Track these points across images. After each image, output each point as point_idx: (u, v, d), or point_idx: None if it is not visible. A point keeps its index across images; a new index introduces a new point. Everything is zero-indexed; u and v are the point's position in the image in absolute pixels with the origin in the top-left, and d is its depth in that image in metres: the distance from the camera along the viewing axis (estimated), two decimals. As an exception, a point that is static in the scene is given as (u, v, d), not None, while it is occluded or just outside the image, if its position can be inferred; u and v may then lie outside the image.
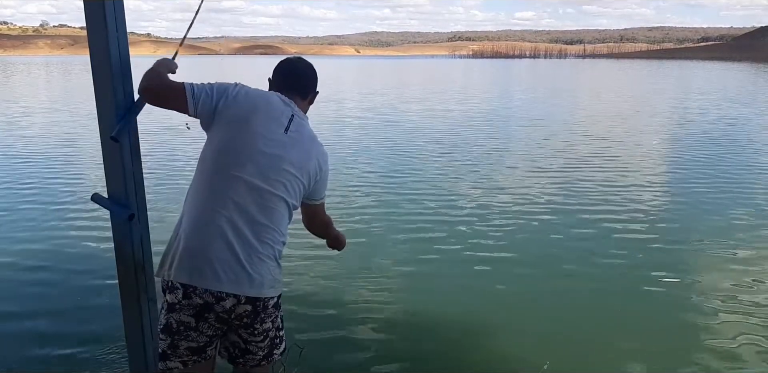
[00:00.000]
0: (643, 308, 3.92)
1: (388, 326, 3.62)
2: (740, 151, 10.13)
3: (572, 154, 9.95)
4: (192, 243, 1.75)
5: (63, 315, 3.74)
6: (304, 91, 1.99)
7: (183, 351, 1.81)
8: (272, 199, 1.79)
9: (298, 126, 1.87)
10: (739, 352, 3.31)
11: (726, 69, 59.94)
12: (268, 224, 1.79)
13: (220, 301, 1.74)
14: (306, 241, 5.16)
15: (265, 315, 1.84)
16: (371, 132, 12.75)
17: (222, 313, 1.76)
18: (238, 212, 1.75)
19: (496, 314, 3.85)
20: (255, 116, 1.81)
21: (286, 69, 2.01)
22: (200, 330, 1.79)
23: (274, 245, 1.82)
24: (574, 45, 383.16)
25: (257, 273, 1.77)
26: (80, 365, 3.13)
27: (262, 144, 1.79)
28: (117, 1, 1.91)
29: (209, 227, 1.74)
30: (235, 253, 1.74)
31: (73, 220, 5.89)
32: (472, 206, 6.44)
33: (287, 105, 1.88)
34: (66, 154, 9.85)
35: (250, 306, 1.78)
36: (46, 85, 33.37)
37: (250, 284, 1.76)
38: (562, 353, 3.30)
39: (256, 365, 1.92)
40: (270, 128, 1.81)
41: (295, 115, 1.88)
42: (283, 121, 1.84)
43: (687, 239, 5.37)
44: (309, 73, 2.02)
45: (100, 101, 1.96)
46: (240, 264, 1.74)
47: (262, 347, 1.89)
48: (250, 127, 1.79)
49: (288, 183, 1.82)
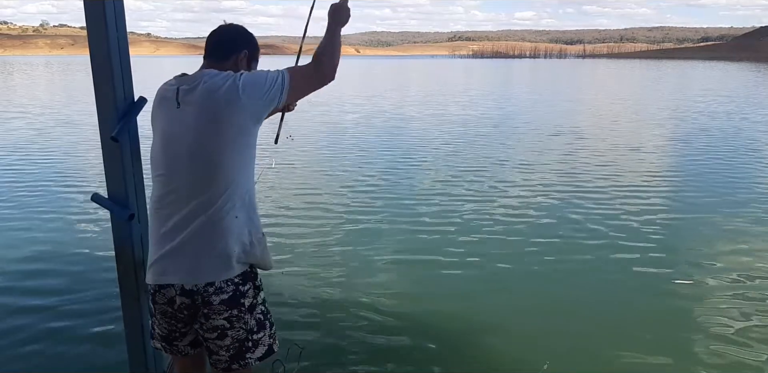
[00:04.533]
0: (643, 309, 3.92)
1: (388, 326, 3.61)
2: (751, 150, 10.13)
3: (574, 156, 9.94)
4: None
5: (63, 315, 3.74)
6: (219, 53, 1.90)
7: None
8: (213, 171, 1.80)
9: (188, 90, 1.79)
10: (745, 352, 3.30)
11: (727, 69, 59.86)
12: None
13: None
14: (306, 242, 5.17)
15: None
16: (383, 133, 12.74)
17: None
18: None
19: (496, 314, 3.85)
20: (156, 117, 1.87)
21: (211, 33, 1.94)
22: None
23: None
24: (574, 45, 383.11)
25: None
26: (80, 365, 3.13)
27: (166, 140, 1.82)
28: (117, 1, 1.91)
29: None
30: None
31: (73, 220, 5.88)
32: (473, 206, 6.43)
33: (172, 84, 1.83)
34: (66, 154, 9.84)
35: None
36: (46, 85, 33.36)
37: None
38: (563, 354, 3.30)
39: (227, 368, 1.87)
40: (167, 119, 1.82)
41: (182, 85, 1.80)
42: (171, 99, 1.80)
43: (691, 239, 5.36)
44: (224, 36, 1.93)
45: (100, 101, 1.96)
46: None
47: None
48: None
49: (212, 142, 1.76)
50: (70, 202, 6.59)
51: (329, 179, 7.81)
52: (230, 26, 1.95)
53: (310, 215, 5.99)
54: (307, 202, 6.60)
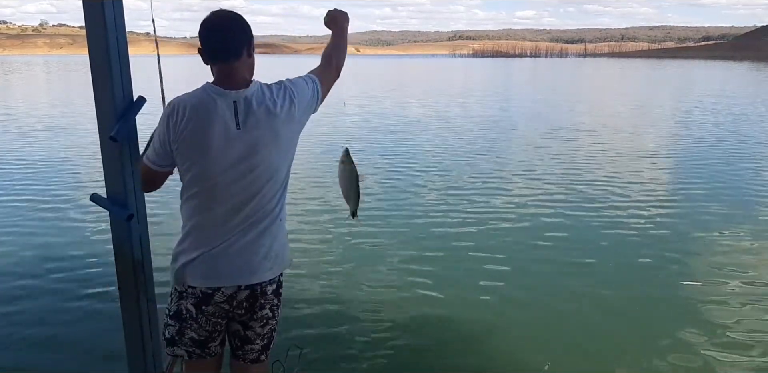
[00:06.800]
0: (644, 309, 3.92)
1: (389, 326, 3.61)
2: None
3: (578, 157, 9.94)
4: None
5: (62, 315, 3.74)
6: (232, 52, 1.78)
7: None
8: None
9: (247, 110, 1.75)
10: (750, 353, 3.30)
11: (732, 68, 59.82)
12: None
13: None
14: (305, 243, 5.16)
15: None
16: (394, 132, 12.74)
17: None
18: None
19: (497, 314, 3.85)
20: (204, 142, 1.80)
21: (209, 31, 1.78)
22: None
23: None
24: (575, 44, 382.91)
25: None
26: (79, 365, 3.13)
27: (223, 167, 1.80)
28: (116, 0, 1.90)
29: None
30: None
31: (72, 220, 5.88)
32: (475, 207, 6.43)
33: (215, 97, 1.76)
34: (65, 153, 9.84)
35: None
36: (45, 85, 33.35)
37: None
38: (563, 354, 3.30)
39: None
40: (222, 143, 1.77)
41: (234, 99, 1.75)
42: (227, 118, 1.75)
43: (699, 241, 5.35)
44: (234, 27, 1.78)
45: (99, 101, 1.95)
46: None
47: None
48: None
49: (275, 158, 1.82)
50: (69, 202, 6.59)
51: (329, 178, 7.80)
52: (225, 19, 1.79)
53: (310, 215, 5.98)
54: (307, 202, 6.59)
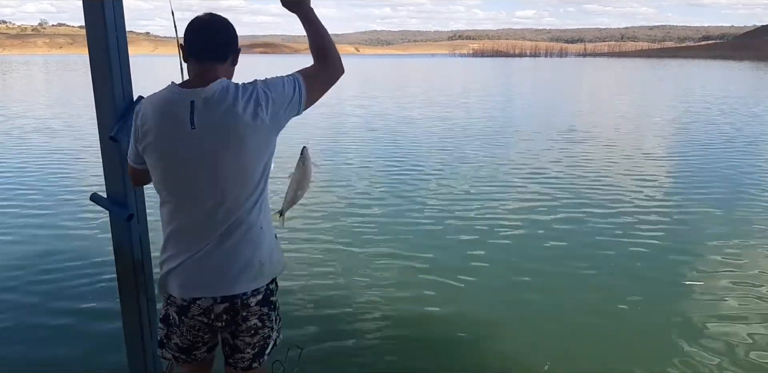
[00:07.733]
0: (644, 309, 3.91)
1: (389, 326, 3.61)
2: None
3: (579, 158, 9.93)
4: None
5: (62, 315, 3.73)
6: (217, 54, 1.70)
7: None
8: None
9: (204, 109, 1.62)
10: (751, 353, 3.30)
11: (732, 67, 59.79)
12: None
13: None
14: (305, 242, 5.16)
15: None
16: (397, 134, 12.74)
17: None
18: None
19: (497, 314, 3.84)
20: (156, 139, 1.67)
21: (197, 29, 1.69)
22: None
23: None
24: (574, 44, 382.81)
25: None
26: (79, 365, 3.13)
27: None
28: (116, 0, 1.90)
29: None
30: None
31: (72, 220, 5.87)
32: (475, 208, 6.43)
33: (177, 96, 1.65)
34: (65, 153, 9.83)
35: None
36: (44, 84, 33.34)
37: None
38: (563, 354, 3.29)
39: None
40: (176, 144, 1.65)
41: (193, 99, 1.62)
42: (181, 118, 1.62)
43: (701, 242, 5.33)
44: (223, 31, 1.71)
45: (99, 101, 1.96)
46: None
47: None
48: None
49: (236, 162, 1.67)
50: (69, 202, 6.58)
51: (329, 176, 7.80)
52: (217, 22, 1.72)
53: (310, 215, 5.97)
54: (306, 201, 6.59)
